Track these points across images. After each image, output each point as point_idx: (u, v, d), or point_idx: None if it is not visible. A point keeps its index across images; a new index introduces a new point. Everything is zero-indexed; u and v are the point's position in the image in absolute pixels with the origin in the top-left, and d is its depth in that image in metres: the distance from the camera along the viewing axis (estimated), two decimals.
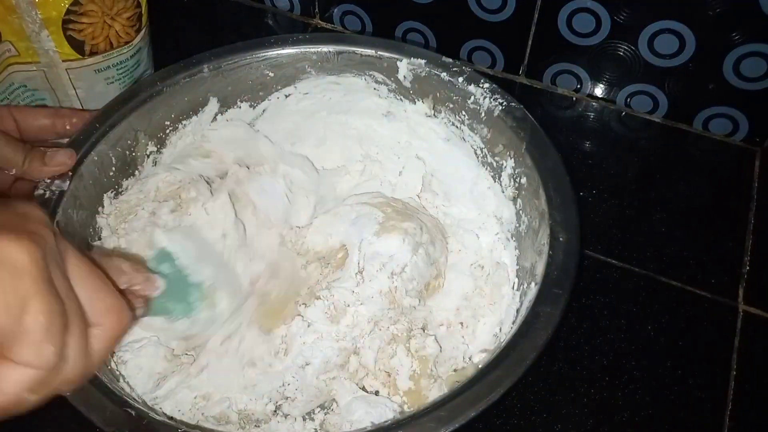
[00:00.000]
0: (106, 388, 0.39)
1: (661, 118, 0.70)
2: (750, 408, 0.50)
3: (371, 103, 0.60)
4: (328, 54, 0.57)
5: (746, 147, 0.67)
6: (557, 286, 0.43)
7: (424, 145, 0.60)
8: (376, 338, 0.48)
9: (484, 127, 0.55)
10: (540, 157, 0.50)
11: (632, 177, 0.65)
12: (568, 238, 0.45)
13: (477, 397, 0.38)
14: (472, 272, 0.54)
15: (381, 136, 0.61)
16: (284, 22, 0.82)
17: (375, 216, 0.53)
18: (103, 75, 0.59)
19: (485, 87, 0.54)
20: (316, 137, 0.62)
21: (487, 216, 0.56)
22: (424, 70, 0.56)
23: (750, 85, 0.63)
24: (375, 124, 0.61)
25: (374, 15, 0.76)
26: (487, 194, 0.56)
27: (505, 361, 0.40)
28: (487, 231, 0.56)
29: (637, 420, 0.50)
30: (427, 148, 0.60)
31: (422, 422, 0.38)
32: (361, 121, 0.61)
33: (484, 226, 0.56)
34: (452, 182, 0.59)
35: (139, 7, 0.58)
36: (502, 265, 0.53)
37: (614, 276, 0.58)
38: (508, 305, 0.51)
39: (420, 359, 0.48)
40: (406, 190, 0.60)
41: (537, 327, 0.41)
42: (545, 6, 0.66)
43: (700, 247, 0.60)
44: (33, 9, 0.53)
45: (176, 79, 0.55)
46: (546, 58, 0.71)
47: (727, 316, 0.55)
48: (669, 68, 0.65)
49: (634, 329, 0.54)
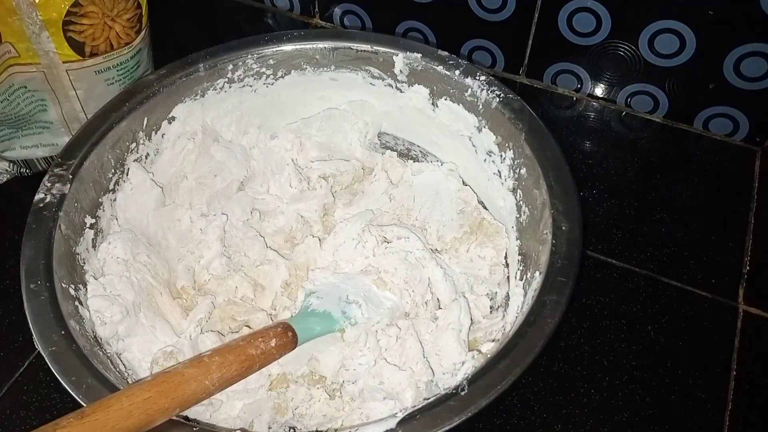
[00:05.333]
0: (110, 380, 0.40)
1: (661, 118, 0.70)
2: (750, 408, 0.50)
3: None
4: (324, 50, 0.58)
5: (746, 147, 0.67)
6: (562, 274, 0.43)
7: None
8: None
9: (482, 119, 0.55)
10: (539, 148, 0.50)
11: (632, 177, 0.65)
12: (570, 227, 0.46)
13: (488, 386, 0.39)
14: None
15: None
16: (284, 21, 0.82)
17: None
18: (104, 76, 0.59)
19: (482, 79, 0.54)
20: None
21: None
22: (420, 63, 0.56)
23: (750, 85, 0.63)
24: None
25: (374, 14, 0.76)
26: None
27: (514, 350, 0.40)
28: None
29: (637, 420, 0.50)
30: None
31: (435, 412, 0.38)
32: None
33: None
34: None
35: (140, 8, 0.58)
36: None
37: (614, 276, 0.58)
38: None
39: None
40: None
41: (544, 315, 0.42)
42: (545, 5, 0.66)
43: (700, 247, 0.60)
44: (33, 10, 0.53)
45: (173, 79, 0.55)
46: (546, 57, 0.71)
47: (727, 316, 0.55)
48: (669, 68, 0.65)
49: (634, 329, 0.55)
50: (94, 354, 0.42)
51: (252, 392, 0.47)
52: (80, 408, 0.35)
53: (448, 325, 0.50)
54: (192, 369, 0.39)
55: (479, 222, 0.57)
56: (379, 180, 0.61)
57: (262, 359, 0.42)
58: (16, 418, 0.49)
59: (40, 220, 0.46)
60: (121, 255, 0.50)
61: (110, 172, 0.52)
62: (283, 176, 0.60)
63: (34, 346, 0.42)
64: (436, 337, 0.50)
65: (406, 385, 0.46)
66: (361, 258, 0.53)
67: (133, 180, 0.54)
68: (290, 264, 0.55)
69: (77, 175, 0.49)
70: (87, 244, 0.49)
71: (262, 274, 0.55)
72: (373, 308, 0.50)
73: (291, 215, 0.58)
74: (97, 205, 0.51)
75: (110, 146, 0.52)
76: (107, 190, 0.52)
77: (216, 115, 0.59)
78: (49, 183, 0.48)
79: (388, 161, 0.62)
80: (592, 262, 0.59)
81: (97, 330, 0.45)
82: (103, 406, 0.35)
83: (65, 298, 0.44)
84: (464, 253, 0.56)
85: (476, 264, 0.55)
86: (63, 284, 0.44)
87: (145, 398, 0.36)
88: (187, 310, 0.52)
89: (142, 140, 0.55)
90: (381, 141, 0.64)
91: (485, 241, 0.56)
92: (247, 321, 0.52)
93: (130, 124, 0.53)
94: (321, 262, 0.54)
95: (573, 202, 0.47)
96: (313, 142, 0.62)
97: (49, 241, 0.45)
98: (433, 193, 0.59)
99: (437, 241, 0.57)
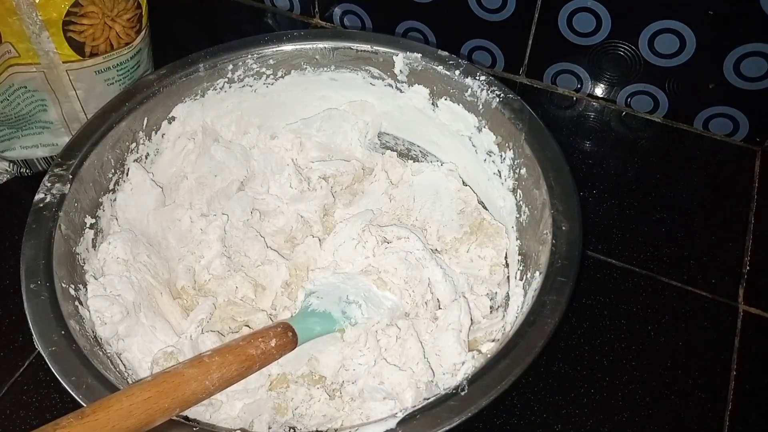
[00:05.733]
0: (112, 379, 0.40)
1: (661, 118, 0.70)
2: (750, 408, 0.50)
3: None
4: (324, 50, 0.58)
5: (746, 147, 0.67)
6: (562, 274, 0.43)
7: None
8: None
9: (482, 119, 0.55)
10: (539, 148, 0.50)
11: (632, 177, 0.65)
12: (570, 227, 0.46)
13: (488, 386, 0.39)
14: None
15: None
16: (284, 21, 0.82)
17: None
18: (104, 76, 0.59)
19: (482, 79, 0.54)
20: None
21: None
22: (420, 63, 0.56)
23: (750, 85, 0.63)
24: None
25: (374, 14, 0.76)
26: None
27: (514, 350, 0.40)
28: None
29: (637, 420, 0.50)
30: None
31: (435, 412, 0.38)
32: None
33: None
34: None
35: (140, 8, 0.58)
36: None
37: (614, 276, 0.58)
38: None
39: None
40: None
41: (544, 315, 0.42)
42: (545, 5, 0.66)
43: (700, 247, 0.60)
44: (33, 10, 0.53)
45: (173, 79, 0.55)
46: (546, 57, 0.71)
47: (727, 316, 0.55)
48: (669, 68, 0.65)
49: (634, 329, 0.55)
50: (94, 354, 0.42)
51: (252, 392, 0.47)
52: (80, 408, 0.35)
53: (448, 325, 0.50)
54: (192, 369, 0.39)
55: (479, 222, 0.57)
56: (379, 180, 0.61)
57: (262, 359, 0.42)
58: (16, 418, 0.49)
59: (40, 220, 0.46)
60: (121, 255, 0.50)
61: (110, 172, 0.52)
62: (283, 176, 0.60)
63: (34, 346, 0.42)
64: (436, 337, 0.50)
65: (406, 385, 0.46)
66: (361, 258, 0.53)
67: (133, 180, 0.54)
68: (290, 264, 0.55)
69: (77, 175, 0.49)
70: (87, 244, 0.49)
71: (263, 274, 0.55)
72: (373, 308, 0.50)
73: (291, 215, 0.58)
74: (97, 205, 0.51)
75: (110, 146, 0.52)
76: (107, 190, 0.52)
77: (216, 115, 0.59)
78: (49, 183, 0.48)
79: (388, 161, 0.62)
80: (592, 262, 0.59)
81: (97, 330, 0.45)
82: (103, 406, 0.35)
83: (65, 298, 0.44)
84: (464, 253, 0.56)
85: (476, 264, 0.55)
86: (63, 284, 0.44)
87: (146, 398, 0.36)
88: (187, 310, 0.52)
89: (142, 140, 0.55)
90: (381, 141, 0.64)
91: (485, 242, 0.56)
92: (247, 321, 0.52)
93: (130, 124, 0.53)
94: (321, 262, 0.54)
95: (573, 202, 0.47)
96: (313, 143, 0.62)
97: (49, 241, 0.45)
98: (433, 193, 0.59)
99: (437, 241, 0.57)
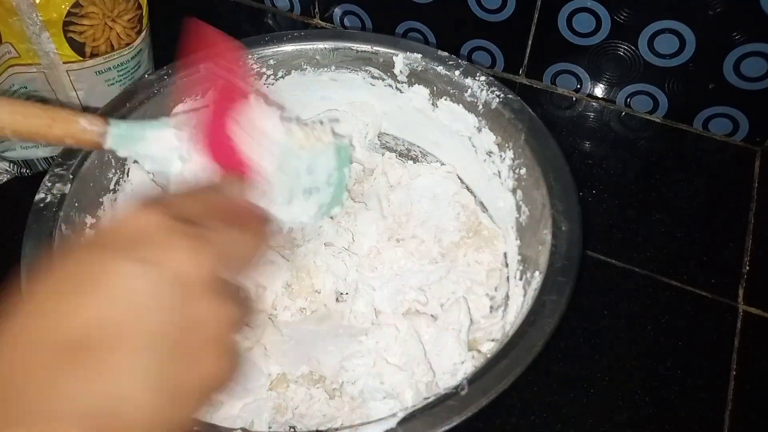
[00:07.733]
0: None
1: (661, 118, 0.70)
2: (750, 408, 0.50)
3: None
4: (324, 50, 0.58)
5: (746, 147, 0.67)
6: (562, 274, 0.43)
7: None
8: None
9: (482, 119, 0.55)
10: (539, 148, 0.50)
11: (632, 177, 0.65)
12: (570, 228, 0.46)
13: (488, 386, 0.39)
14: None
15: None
16: (284, 22, 0.82)
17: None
18: (104, 77, 0.59)
19: (482, 80, 0.54)
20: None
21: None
22: (420, 64, 0.56)
23: (750, 85, 0.63)
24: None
25: (374, 15, 0.77)
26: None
27: (514, 350, 0.40)
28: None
29: (637, 420, 0.50)
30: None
31: (435, 412, 0.38)
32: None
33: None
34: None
35: (140, 8, 0.58)
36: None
37: (614, 276, 0.58)
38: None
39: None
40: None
41: (544, 315, 0.42)
42: (545, 6, 0.66)
43: (700, 247, 0.60)
44: (34, 11, 0.53)
45: (173, 79, 0.55)
46: (546, 58, 0.71)
47: (727, 316, 0.55)
48: (669, 68, 0.65)
49: (634, 329, 0.55)
50: None
51: (252, 392, 0.47)
52: None
53: (448, 325, 0.50)
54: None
55: (476, 226, 0.57)
56: (378, 182, 0.61)
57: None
58: None
59: (41, 220, 0.46)
60: None
61: (110, 172, 0.53)
62: None
63: None
64: (436, 337, 0.50)
65: (406, 385, 0.46)
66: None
67: (134, 180, 0.54)
68: (291, 265, 0.55)
69: (77, 175, 0.49)
70: None
71: (263, 274, 0.55)
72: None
73: None
74: (98, 205, 0.51)
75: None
76: (107, 190, 0.52)
77: None
78: (49, 183, 0.48)
79: (387, 163, 0.62)
80: (592, 262, 0.59)
81: None
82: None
83: None
84: (462, 257, 0.56)
85: (473, 269, 0.55)
86: None
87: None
88: None
89: None
90: (381, 141, 0.64)
91: (482, 246, 0.56)
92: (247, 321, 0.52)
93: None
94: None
95: (573, 202, 0.47)
96: None
97: (50, 241, 0.45)
98: (431, 196, 0.59)
99: (435, 245, 0.57)
